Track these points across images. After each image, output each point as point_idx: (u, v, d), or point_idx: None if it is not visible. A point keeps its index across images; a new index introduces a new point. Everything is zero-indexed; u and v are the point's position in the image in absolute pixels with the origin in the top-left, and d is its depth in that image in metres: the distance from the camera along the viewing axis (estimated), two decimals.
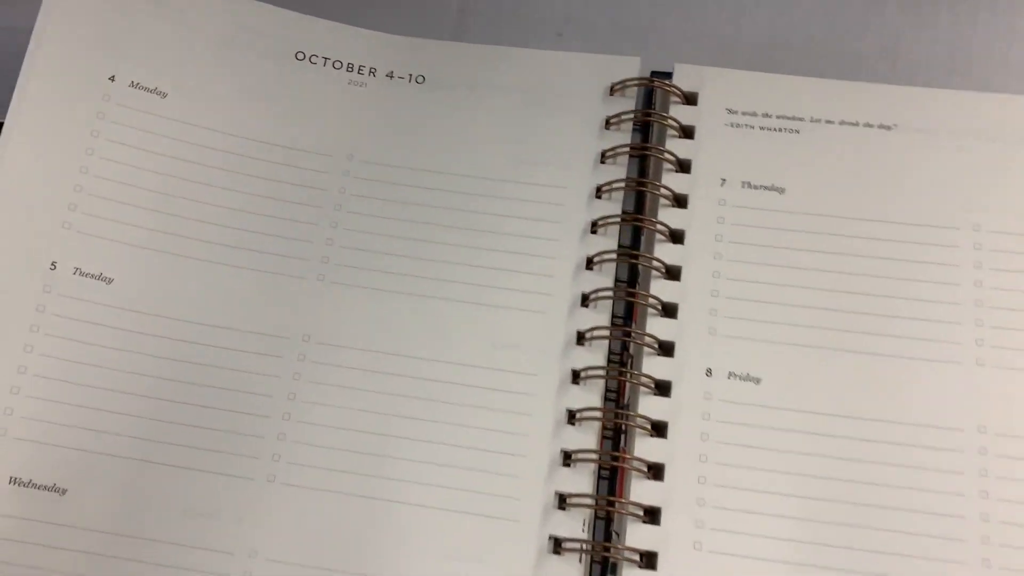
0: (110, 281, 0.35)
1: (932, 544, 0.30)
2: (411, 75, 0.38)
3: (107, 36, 0.37)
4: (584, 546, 0.31)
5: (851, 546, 0.31)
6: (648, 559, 0.31)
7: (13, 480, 0.32)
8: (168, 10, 0.38)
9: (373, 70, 0.38)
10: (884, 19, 0.40)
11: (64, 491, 0.32)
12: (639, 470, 0.32)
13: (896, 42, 0.40)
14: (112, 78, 0.37)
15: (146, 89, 0.37)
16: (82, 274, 0.35)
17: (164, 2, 0.38)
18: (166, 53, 0.38)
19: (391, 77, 0.38)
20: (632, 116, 0.37)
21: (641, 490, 0.32)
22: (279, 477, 0.32)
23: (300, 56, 0.39)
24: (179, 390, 0.33)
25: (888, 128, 0.36)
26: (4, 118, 0.36)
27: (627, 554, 0.31)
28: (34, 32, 0.37)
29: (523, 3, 0.41)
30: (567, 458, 0.32)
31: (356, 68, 0.38)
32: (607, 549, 0.31)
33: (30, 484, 0.32)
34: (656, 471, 0.32)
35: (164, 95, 0.37)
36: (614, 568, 0.31)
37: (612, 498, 0.32)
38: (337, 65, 0.38)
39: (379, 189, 0.36)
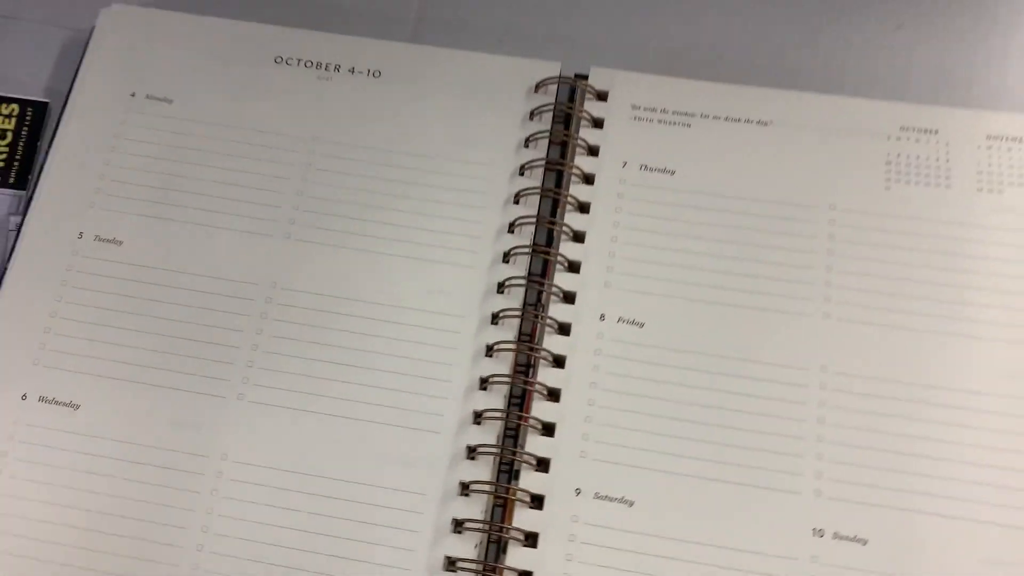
0: (120, 243, 0.42)
1: (774, 459, 0.37)
2: (369, 70, 0.45)
3: (131, 62, 0.46)
4: (494, 452, 0.38)
5: (710, 459, 0.37)
6: (543, 464, 0.38)
7: (41, 398, 0.39)
8: (176, 36, 0.47)
9: (337, 66, 0.45)
10: (774, 33, 0.47)
11: (77, 407, 0.39)
12: (541, 393, 0.39)
13: (782, 53, 0.47)
14: (133, 95, 0.45)
15: (156, 99, 0.45)
16: (100, 239, 0.42)
17: (173, 30, 0.47)
18: (173, 69, 0.46)
19: (352, 72, 0.45)
20: (552, 108, 0.44)
21: (542, 410, 0.39)
22: (247, 396, 0.39)
23: (278, 60, 0.46)
24: (171, 326, 0.41)
25: (765, 124, 0.43)
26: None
27: (527, 459, 0.38)
28: (83, 60, 0.46)
29: (471, 15, 0.49)
30: (483, 383, 0.39)
31: (324, 66, 0.46)
32: (513, 455, 0.38)
33: (52, 400, 0.39)
34: (555, 395, 0.39)
35: (170, 101, 0.45)
36: (517, 474, 0.38)
37: (520, 413, 0.38)
38: (308, 64, 0.46)
39: (338, 164, 0.43)
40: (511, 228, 0.42)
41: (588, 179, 0.43)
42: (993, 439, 0.37)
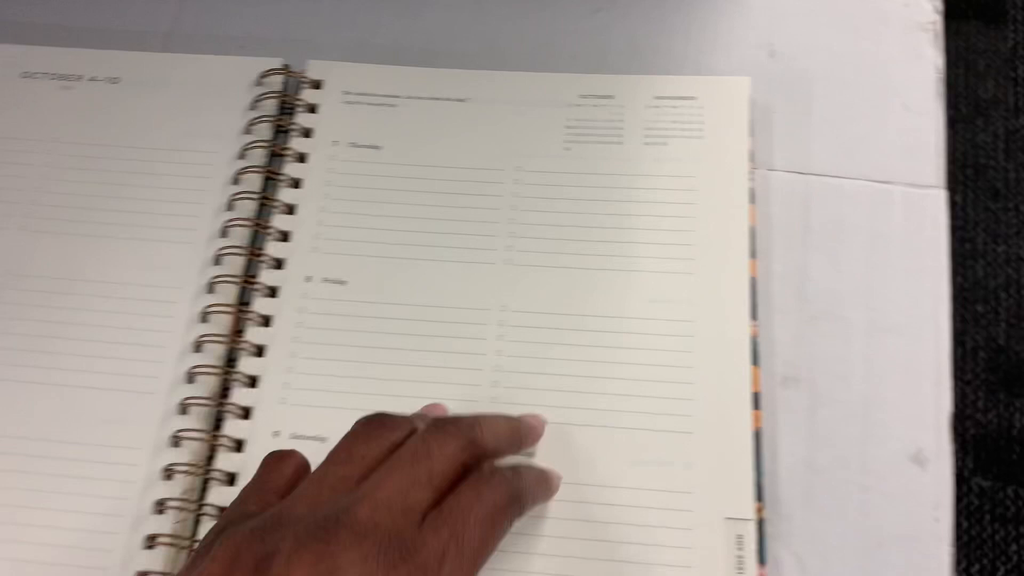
0: None
1: (462, 375, 0.42)
2: (108, 78, 0.50)
3: None
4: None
5: (402, 394, 0.41)
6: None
7: None
8: None
9: (79, 76, 0.50)
10: (486, 24, 0.52)
11: None
12: (248, 351, 0.43)
13: (495, 40, 0.52)
14: None
15: None
16: None
17: None
18: None
19: (93, 80, 0.50)
20: (273, 97, 0.48)
21: (249, 364, 0.42)
22: None
23: (25, 75, 0.50)
24: None
25: (462, 101, 0.48)
26: None
27: (232, 408, 0.42)
28: None
29: (217, 27, 0.53)
30: (198, 346, 0.43)
31: (66, 76, 0.50)
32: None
33: None
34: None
35: None
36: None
37: (229, 369, 0.42)
38: (52, 76, 0.50)
39: (74, 162, 0.47)
40: (230, 205, 0.46)
41: (302, 158, 0.47)
42: (641, 356, 0.41)
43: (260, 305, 0.44)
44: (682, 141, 0.46)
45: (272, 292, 0.44)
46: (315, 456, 0.40)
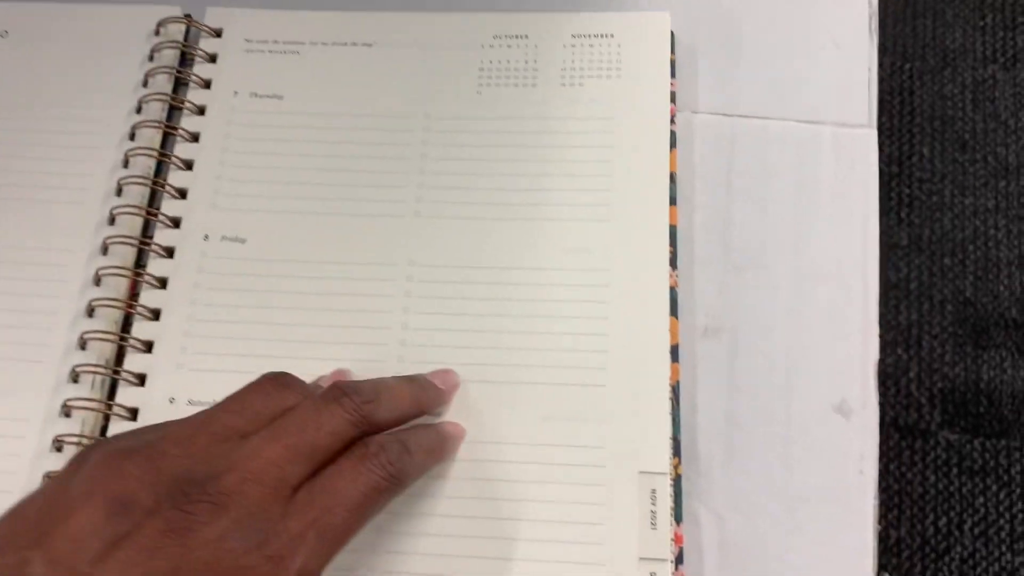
0: None
1: (367, 333, 0.40)
2: None
3: None
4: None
5: (312, 356, 0.39)
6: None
7: None
8: None
9: None
10: None
11: None
12: (144, 316, 0.40)
13: None
14: None
15: None
16: None
17: None
18: None
19: None
20: (172, 45, 0.46)
21: (143, 330, 0.40)
22: None
23: None
24: None
25: (369, 45, 0.46)
26: None
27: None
28: None
29: None
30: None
31: None
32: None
33: None
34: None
35: None
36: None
37: (123, 335, 0.40)
38: None
39: None
40: (126, 162, 0.44)
41: (201, 110, 0.45)
42: (554, 308, 0.39)
43: (156, 266, 0.41)
44: (599, 82, 0.44)
45: (169, 253, 0.42)
46: None
